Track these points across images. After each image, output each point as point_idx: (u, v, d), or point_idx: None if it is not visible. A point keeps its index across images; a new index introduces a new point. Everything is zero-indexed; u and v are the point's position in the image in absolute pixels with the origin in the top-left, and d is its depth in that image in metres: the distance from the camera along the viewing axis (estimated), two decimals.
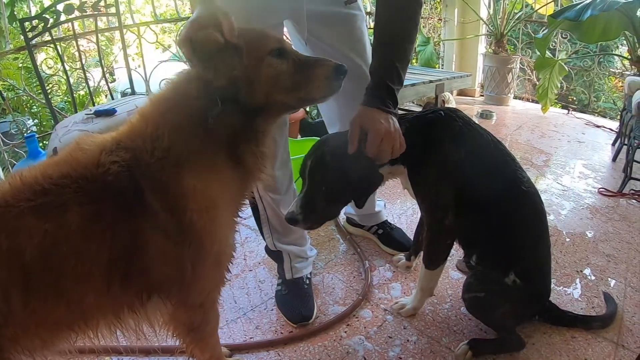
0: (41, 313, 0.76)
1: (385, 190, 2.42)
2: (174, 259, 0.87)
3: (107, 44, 4.30)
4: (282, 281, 1.56)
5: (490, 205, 1.21)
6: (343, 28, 1.36)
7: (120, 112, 1.88)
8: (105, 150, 0.83)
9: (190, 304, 0.97)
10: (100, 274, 0.79)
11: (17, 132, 2.61)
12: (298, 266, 1.55)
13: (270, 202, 1.47)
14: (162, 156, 0.84)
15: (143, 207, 0.82)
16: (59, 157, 0.85)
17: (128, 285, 0.84)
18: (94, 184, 0.79)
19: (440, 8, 4.64)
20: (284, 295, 1.52)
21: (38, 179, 0.77)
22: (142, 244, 0.82)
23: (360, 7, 1.38)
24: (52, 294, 0.76)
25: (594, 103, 4.26)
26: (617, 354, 1.29)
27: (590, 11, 2.66)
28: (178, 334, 1.03)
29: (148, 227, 0.82)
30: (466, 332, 1.39)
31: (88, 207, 0.77)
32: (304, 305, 1.47)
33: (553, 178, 2.56)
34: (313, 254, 1.66)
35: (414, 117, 1.23)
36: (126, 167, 0.82)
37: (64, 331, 0.82)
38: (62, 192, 0.77)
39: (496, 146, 1.25)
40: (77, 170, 0.80)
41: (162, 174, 0.84)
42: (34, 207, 0.74)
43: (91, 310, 0.82)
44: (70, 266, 0.75)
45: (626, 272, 1.68)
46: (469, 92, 4.59)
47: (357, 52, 1.39)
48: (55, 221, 0.75)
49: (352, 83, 1.32)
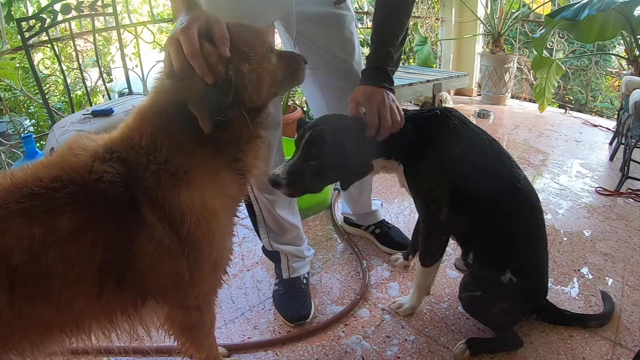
0: (29, 315, 0.75)
1: (384, 190, 2.42)
2: (171, 269, 0.86)
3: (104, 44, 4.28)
4: (280, 281, 1.57)
5: (486, 203, 1.21)
6: (332, 28, 1.37)
7: (118, 112, 1.87)
8: (98, 158, 0.81)
9: (186, 306, 0.97)
10: (91, 280, 0.78)
11: (14, 133, 2.60)
12: (295, 266, 1.56)
13: (265, 203, 1.47)
14: (158, 169, 0.82)
15: (138, 219, 0.80)
16: (51, 159, 0.83)
17: (122, 291, 0.82)
18: (85, 191, 0.77)
19: (437, 8, 4.65)
20: (281, 295, 1.52)
21: (29, 181, 0.76)
22: (137, 254, 0.81)
23: (349, 7, 1.39)
24: (41, 297, 0.75)
25: (591, 102, 4.28)
26: (615, 352, 1.30)
27: (587, 11, 2.66)
28: (173, 334, 1.03)
29: (143, 238, 0.81)
30: (464, 331, 1.39)
31: (79, 214, 0.76)
32: (301, 305, 1.47)
33: (550, 177, 2.57)
34: (310, 253, 1.65)
35: (410, 116, 1.23)
36: (120, 178, 0.80)
37: (55, 333, 0.81)
38: (53, 196, 0.75)
39: (491, 144, 1.25)
40: (69, 174, 0.78)
41: (158, 188, 0.82)
42: (23, 210, 0.72)
43: (82, 314, 0.81)
44: (59, 271, 0.74)
45: (623, 270, 1.68)
46: (466, 92, 4.60)
47: (346, 52, 1.40)
48: (45, 225, 0.73)
49: (341, 81, 1.39)
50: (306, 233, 1.98)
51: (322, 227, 2.04)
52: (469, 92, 4.61)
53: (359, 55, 1.45)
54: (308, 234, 1.98)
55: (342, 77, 1.40)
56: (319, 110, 1.54)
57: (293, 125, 2.88)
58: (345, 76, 1.40)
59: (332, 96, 1.45)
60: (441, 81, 3.25)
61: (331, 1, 1.33)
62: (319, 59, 1.37)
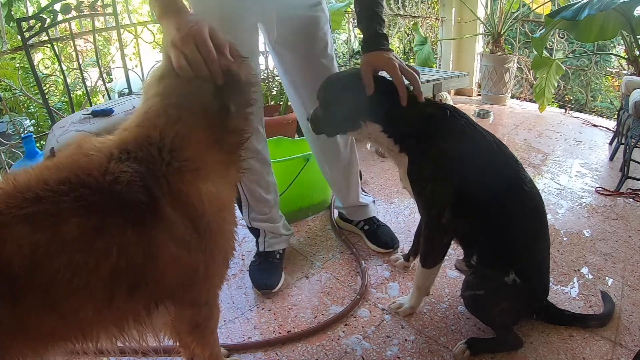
0: (30, 324, 0.72)
1: (384, 190, 2.42)
2: (189, 264, 0.86)
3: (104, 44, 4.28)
4: (256, 253, 1.73)
5: (494, 206, 1.21)
6: (308, 30, 1.47)
7: (118, 112, 1.87)
8: (113, 158, 0.79)
9: (196, 302, 0.97)
10: (101, 288, 0.75)
11: (14, 133, 2.60)
12: (271, 241, 1.71)
13: (247, 183, 1.59)
14: (181, 166, 0.83)
15: (158, 218, 0.79)
16: (57, 161, 0.81)
17: (135, 297, 0.81)
18: (99, 193, 0.75)
19: (437, 8, 4.65)
20: (256, 266, 1.68)
21: (32, 185, 0.73)
22: (155, 255, 0.79)
23: (324, 9, 1.50)
24: (43, 306, 0.72)
25: (591, 102, 4.28)
26: (615, 352, 1.29)
27: (587, 11, 2.66)
28: (180, 333, 1.02)
29: (163, 238, 0.80)
30: (464, 331, 1.39)
31: (89, 218, 0.73)
32: (270, 276, 1.62)
33: (550, 177, 2.57)
34: (287, 232, 1.77)
35: (426, 104, 1.26)
36: (138, 177, 0.78)
37: (58, 342, 0.79)
38: (59, 200, 0.72)
39: (499, 147, 1.25)
40: (79, 176, 0.75)
41: (181, 184, 0.82)
42: (25, 216, 0.69)
43: (90, 322, 0.79)
44: (65, 279, 0.71)
45: (623, 270, 1.69)
46: (466, 92, 4.60)
47: (319, 50, 1.50)
48: (49, 232, 0.70)
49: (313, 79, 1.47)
50: (306, 233, 1.98)
51: (322, 227, 2.04)
52: (469, 92, 4.61)
53: (331, 51, 1.54)
54: (308, 233, 1.99)
55: (313, 75, 1.49)
56: (297, 106, 1.63)
57: (293, 125, 2.88)
58: (317, 73, 1.47)
59: (307, 92, 1.52)
60: (441, 81, 3.25)
61: (308, 4, 1.44)
62: (293, 59, 1.50)
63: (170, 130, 0.85)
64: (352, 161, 1.77)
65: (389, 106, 1.22)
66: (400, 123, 1.24)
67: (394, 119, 1.24)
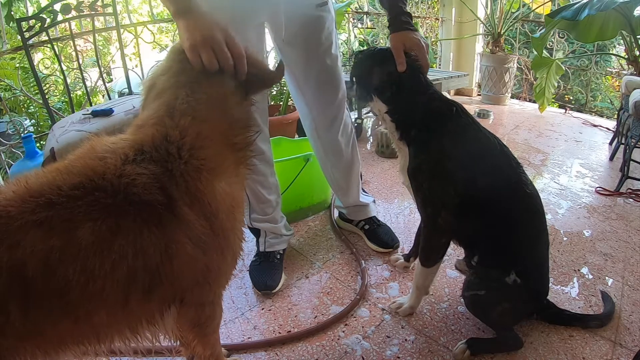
0: (43, 328, 0.72)
1: (384, 190, 2.42)
2: (203, 264, 0.86)
3: (104, 44, 4.29)
4: (257, 253, 1.74)
5: (497, 208, 1.21)
6: (314, 30, 1.48)
7: (118, 112, 1.87)
8: (129, 160, 0.79)
9: (202, 302, 0.96)
10: (116, 292, 0.75)
11: (14, 133, 2.60)
12: (271, 241, 1.72)
13: (250, 184, 1.57)
14: (199, 164, 0.83)
15: (175, 218, 0.79)
16: (69, 165, 0.79)
17: (150, 299, 0.80)
18: (114, 197, 0.74)
19: (437, 8, 4.65)
20: (256, 266, 1.68)
21: (45, 190, 0.72)
22: (172, 255, 0.79)
23: (330, 10, 1.51)
24: (57, 310, 0.72)
25: (591, 102, 4.28)
26: (615, 352, 1.29)
27: (587, 11, 2.66)
28: (182, 332, 1.02)
29: (180, 237, 0.80)
30: (464, 331, 1.39)
31: (104, 222, 0.72)
32: (270, 276, 1.62)
33: (550, 177, 2.57)
34: (288, 233, 1.78)
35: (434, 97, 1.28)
36: (155, 179, 0.78)
37: (70, 345, 0.78)
38: (73, 206, 0.71)
39: (502, 149, 1.25)
40: (94, 180, 0.75)
41: (198, 182, 0.82)
42: (39, 221, 0.69)
43: (103, 326, 0.78)
44: (79, 285, 0.70)
45: (623, 270, 1.69)
46: (466, 92, 4.60)
47: (324, 50, 1.52)
48: (63, 237, 0.69)
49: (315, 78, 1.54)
50: (306, 233, 1.98)
51: (322, 227, 2.04)
52: (468, 92, 4.61)
53: (335, 51, 1.55)
54: (308, 233, 1.99)
55: (317, 74, 1.53)
56: (300, 105, 1.64)
57: (293, 125, 2.88)
58: (321, 73, 1.53)
59: (311, 91, 1.57)
60: (441, 81, 3.25)
61: (314, 4, 1.45)
62: (298, 58, 1.50)
63: (194, 130, 0.85)
64: (354, 160, 1.77)
65: (396, 90, 1.26)
66: (405, 110, 1.27)
67: (399, 104, 1.27)
